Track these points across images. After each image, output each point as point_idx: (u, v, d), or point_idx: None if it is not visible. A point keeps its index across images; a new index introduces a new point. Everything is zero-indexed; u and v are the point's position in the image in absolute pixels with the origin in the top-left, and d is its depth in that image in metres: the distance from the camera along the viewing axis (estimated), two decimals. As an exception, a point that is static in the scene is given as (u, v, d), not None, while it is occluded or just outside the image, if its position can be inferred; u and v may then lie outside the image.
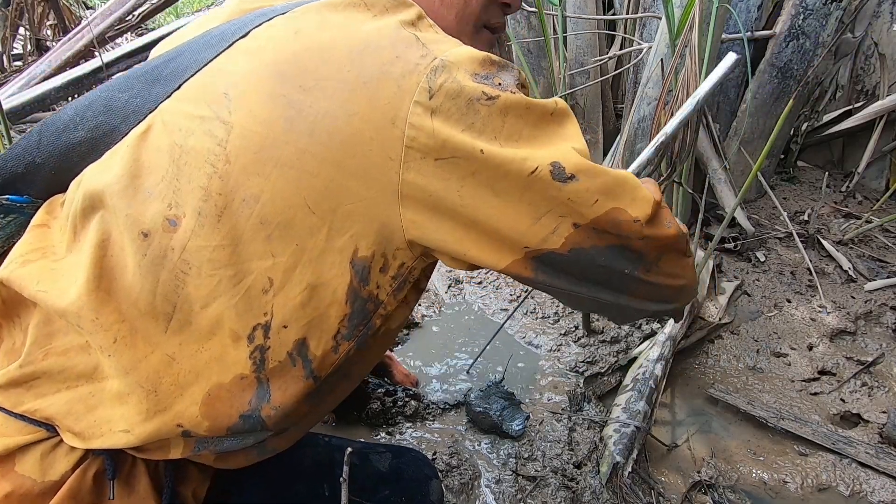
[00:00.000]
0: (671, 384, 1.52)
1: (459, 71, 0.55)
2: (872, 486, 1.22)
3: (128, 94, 0.62)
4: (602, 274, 0.61)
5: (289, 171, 0.55)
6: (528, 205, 0.56)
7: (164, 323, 0.57)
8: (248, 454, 0.68)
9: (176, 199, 0.56)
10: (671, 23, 1.41)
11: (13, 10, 3.65)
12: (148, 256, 0.56)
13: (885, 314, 1.69)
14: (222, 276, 0.56)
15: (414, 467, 1.05)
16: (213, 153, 0.56)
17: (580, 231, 0.57)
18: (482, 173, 0.55)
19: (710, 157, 1.89)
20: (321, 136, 0.54)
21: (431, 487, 1.04)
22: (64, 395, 0.60)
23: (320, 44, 0.57)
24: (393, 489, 0.96)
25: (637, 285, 0.63)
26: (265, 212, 0.55)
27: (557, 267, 0.60)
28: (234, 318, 0.57)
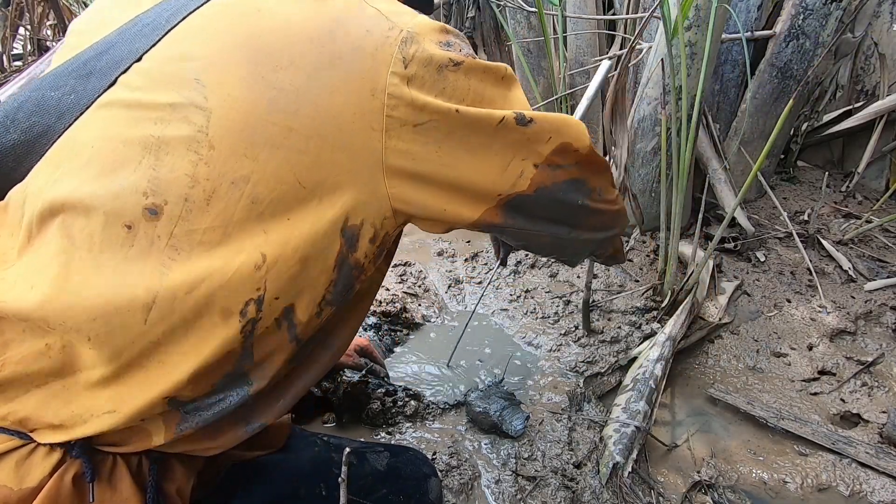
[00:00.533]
0: (671, 384, 1.52)
1: (425, 41, 0.59)
2: (872, 486, 1.22)
3: (60, 91, 0.61)
4: (559, 209, 0.71)
5: (277, 151, 0.56)
6: (497, 154, 0.63)
7: (142, 314, 0.56)
8: (236, 428, 0.67)
9: (153, 188, 0.55)
10: (667, 24, 1.41)
11: (13, 10, 3.65)
12: (135, 248, 0.56)
13: (885, 314, 1.69)
14: (213, 256, 0.56)
15: (412, 466, 1.05)
16: (194, 140, 0.56)
17: (541, 171, 0.66)
18: (457, 132, 0.60)
19: (710, 157, 1.89)
20: (306, 113, 0.56)
21: (430, 485, 1.05)
22: (34, 394, 0.59)
23: (287, 22, 0.58)
24: (391, 488, 0.96)
25: (587, 215, 0.74)
26: (256, 191, 0.56)
27: (524, 208, 0.68)
28: (225, 297, 0.57)
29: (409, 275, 1.93)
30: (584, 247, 0.84)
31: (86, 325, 0.55)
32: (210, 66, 0.57)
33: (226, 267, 0.56)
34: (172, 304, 0.56)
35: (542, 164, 0.66)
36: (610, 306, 1.74)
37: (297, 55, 0.57)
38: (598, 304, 1.74)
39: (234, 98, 0.56)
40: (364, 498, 0.92)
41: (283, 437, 0.91)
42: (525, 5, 2.02)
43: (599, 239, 0.81)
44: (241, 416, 0.67)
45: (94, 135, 0.58)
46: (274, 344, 0.62)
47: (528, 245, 0.85)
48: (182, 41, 0.59)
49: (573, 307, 1.75)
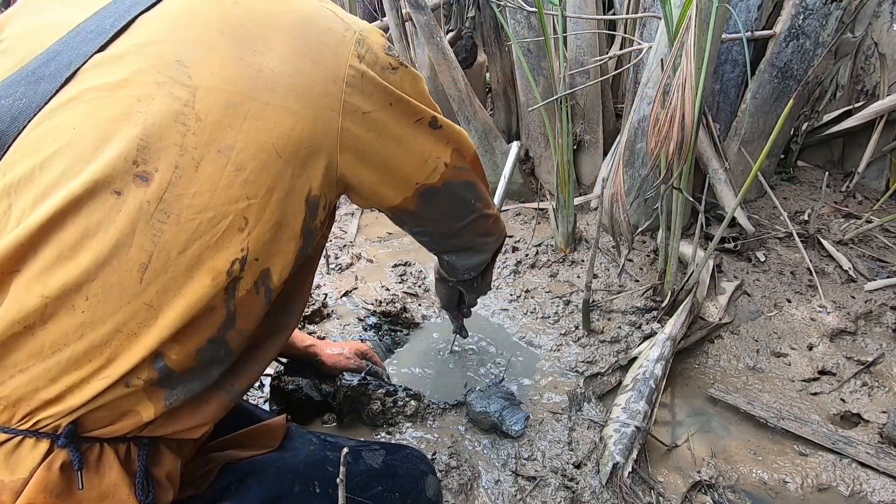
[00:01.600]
0: (671, 384, 1.52)
1: (374, 44, 0.71)
2: (872, 486, 1.22)
3: (10, 98, 0.64)
4: (457, 203, 0.89)
5: (257, 122, 0.64)
6: (417, 149, 0.77)
7: (138, 273, 0.61)
8: (221, 398, 0.73)
9: (143, 157, 0.60)
10: (669, 23, 1.41)
11: (13, 11, 3.64)
12: (122, 212, 0.60)
13: (886, 314, 1.69)
14: (202, 218, 0.62)
15: (408, 463, 1.05)
16: (181, 113, 0.61)
17: (448, 169, 0.82)
18: (390, 126, 0.73)
19: (710, 157, 1.89)
20: (280, 92, 0.65)
21: (427, 483, 1.05)
22: (18, 378, 0.61)
23: (263, 13, 0.67)
24: (386, 485, 0.97)
25: (475, 213, 0.93)
26: (240, 158, 0.63)
27: (433, 199, 0.83)
28: (214, 256, 0.63)
29: (409, 275, 1.93)
30: (472, 242, 1.01)
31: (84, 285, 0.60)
32: (191, 50, 0.63)
33: (214, 228, 0.63)
34: (166, 264, 0.61)
35: (450, 163, 0.82)
36: (610, 306, 1.74)
37: (272, 42, 0.66)
38: (598, 304, 1.74)
39: (218, 76, 0.63)
40: (359, 495, 0.93)
41: (278, 439, 0.92)
42: (525, 5, 2.02)
43: (484, 241, 1.02)
44: (221, 384, 0.73)
45: (74, 120, 0.61)
46: (252, 307, 0.69)
47: (427, 232, 0.97)
48: (151, 33, 0.65)
49: (573, 307, 1.75)
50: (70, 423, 0.62)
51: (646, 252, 1.97)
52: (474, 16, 2.81)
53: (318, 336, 1.61)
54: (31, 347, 0.61)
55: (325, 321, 1.69)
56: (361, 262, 2.03)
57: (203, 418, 0.72)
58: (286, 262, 0.70)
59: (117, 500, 0.66)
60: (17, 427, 0.61)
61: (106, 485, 0.65)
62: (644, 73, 1.82)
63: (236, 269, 0.65)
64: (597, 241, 1.51)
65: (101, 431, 0.65)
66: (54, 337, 0.61)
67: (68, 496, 0.62)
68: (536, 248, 2.07)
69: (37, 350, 0.61)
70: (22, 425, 0.62)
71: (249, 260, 0.65)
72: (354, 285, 1.87)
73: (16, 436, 0.61)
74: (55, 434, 0.62)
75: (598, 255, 1.97)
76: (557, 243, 2.05)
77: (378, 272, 1.97)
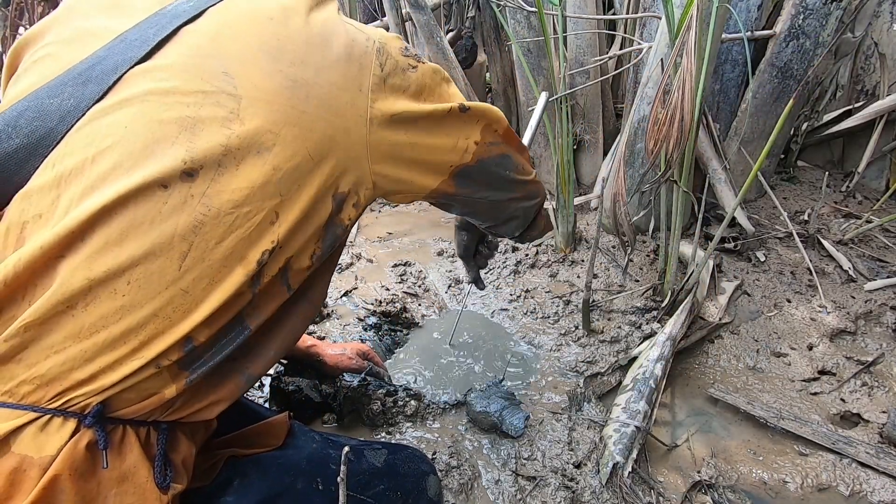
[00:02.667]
0: (671, 384, 1.52)
1: (392, 50, 0.77)
2: (872, 486, 1.22)
3: (59, 98, 0.69)
4: (494, 177, 0.92)
5: (293, 128, 0.69)
6: (448, 136, 0.82)
7: (178, 261, 0.66)
8: (237, 379, 0.77)
9: (191, 157, 0.66)
10: (671, 23, 1.41)
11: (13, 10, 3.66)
12: (168, 204, 0.65)
13: (885, 314, 1.69)
14: (239, 213, 0.68)
15: (410, 463, 1.06)
16: (227, 119, 0.68)
17: (480, 146, 0.85)
18: (419, 121, 0.78)
19: (710, 157, 1.89)
20: (314, 101, 0.71)
21: (428, 483, 1.05)
22: (53, 358, 0.64)
23: (295, 31, 0.73)
24: (388, 484, 0.98)
25: (514, 184, 0.96)
26: (277, 160, 0.69)
27: (469, 177, 0.87)
28: (246, 247, 0.69)
29: (409, 275, 1.93)
30: (515, 211, 1.04)
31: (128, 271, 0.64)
32: (234, 63, 0.69)
33: (249, 222, 0.68)
34: (204, 253, 0.67)
35: (480, 141, 0.85)
36: (610, 306, 1.74)
37: (306, 56, 0.72)
38: (598, 304, 1.74)
39: (259, 87, 0.69)
40: (360, 493, 0.93)
41: (281, 436, 0.94)
42: (525, 5, 2.02)
43: (526, 206, 1.05)
44: (238, 366, 0.77)
45: (126, 119, 0.67)
46: (274, 291, 0.74)
47: (473, 211, 1.01)
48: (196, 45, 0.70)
49: (573, 307, 1.75)
50: (99, 403, 0.65)
51: (646, 252, 1.98)
52: (474, 16, 2.81)
53: (318, 336, 1.61)
54: (71, 328, 0.64)
55: (325, 321, 1.69)
56: (361, 261, 2.03)
57: (218, 396, 0.76)
58: (307, 252, 0.75)
59: (136, 482, 0.69)
60: (47, 406, 0.64)
61: (126, 466, 0.68)
62: (644, 72, 1.82)
63: (265, 259, 0.70)
64: (597, 241, 1.51)
65: (125, 411, 0.68)
66: (94, 319, 0.64)
67: (91, 476, 0.65)
68: (536, 248, 2.07)
69: (75, 331, 0.64)
70: (52, 404, 0.64)
71: (276, 250, 0.71)
72: (354, 285, 1.87)
73: (45, 414, 0.64)
74: (83, 414, 0.65)
75: (598, 255, 1.97)
76: (557, 243, 2.05)
77: (378, 272, 1.97)
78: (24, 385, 0.64)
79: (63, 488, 0.63)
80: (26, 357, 0.64)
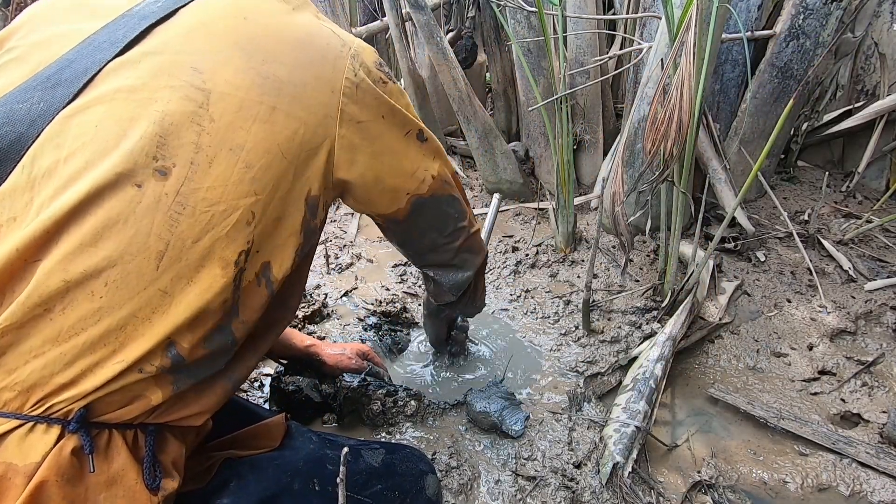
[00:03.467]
0: (671, 384, 1.52)
1: (367, 59, 0.78)
2: (873, 486, 1.22)
3: (28, 103, 0.68)
4: (442, 217, 0.95)
5: (265, 125, 0.69)
6: (408, 159, 0.85)
7: (155, 260, 0.65)
8: (223, 385, 0.78)
9: (162, 153, 0.66)
10: (671, 23, 1.41)
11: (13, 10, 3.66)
12: (143, 203, 0.65)
13: (886, 314, 1.69)
14: (214, 212, 0.67)
15: (408, 463, 1.05)
16: (196, 115, 0.67)
17: (436, 181, 0.89)
18: (383, 134, 0.80)
19: (711, 157, 1.89)
20: (286, 99, 0.71)
21: (427, 482, 1.05)
22: (33, 363, 0.63)
23: (271, 29, 0.74)
24: (386, 484, 0.98)
25: (457, 230, 0.99)
26: (249, 157, 0.69)
27: (422, 209, 0.90)
28: (224, 246, 0.68)
29: (409, 275, 1.93)
30: (452, 256, 1.04)
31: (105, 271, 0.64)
32: (206, 59, 0.69)
33: (225, 221, 0.68)
34: (181, 252, 0.66)
35: (437, 176, 0.89)
36: (610, 306, 1.74)
37: (280, 54, 0.72)
38: (598, 304, 1.74)
39: (230, 83, 0.69)
40: (359, 493, 0.93)
41: (278, 438, 0.93)
42: (525, 5, 2.02)
43: (468, 257, 1.06)
44: (224, 373, 0.78)
45: (96, 119, 0.66)
46: (254, 298, 0.74)
47: (412, 243, 1.01)
48: (166, 43, 0.70)
49: (573, 307, 1.75)
50: (81, 408, 0.65)
51: (646, 252, 1.97)
52: (474, 16, 2.81)
53: (318, 336, 1.61)
54: (49, 332, 0.63)
55: (325, 321, 1.69)
56: (361, 262, 2.03)
57: (205, 405, 0.76)
58: (286, 257, 0.75)
59: (125, 486, 0.68)
60: (30, 413, 0.64)
61: (115, 470, 0.68)
62: (644, 72, 1.82)
63: (242, 260, 0.70)
64: (597, 241, 1.51)
65: (110, 416, 0.67)
66: (72, 321, 0.63)
67: (79, 481, 0.64)
68: (536, 248, 2.07)
69: (54, 335, 0.63)
70: (34, 411, 0.64)
71: (252, 252, 0.71)
72: (354, 285, 1.87)
73: (28, 421, 0.64)
74: (66, 420, 0.64)
75: (598, 255, 1.97)
76: (557, 243, 2.05)
77: (378, 272, 1.97)
78: (5, 392, 0.63)
79: (50, 495, 0.62)
80: (5, 363, 0.63)
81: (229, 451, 0.88)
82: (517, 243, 2.12)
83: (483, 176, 2.48)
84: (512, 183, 2.42)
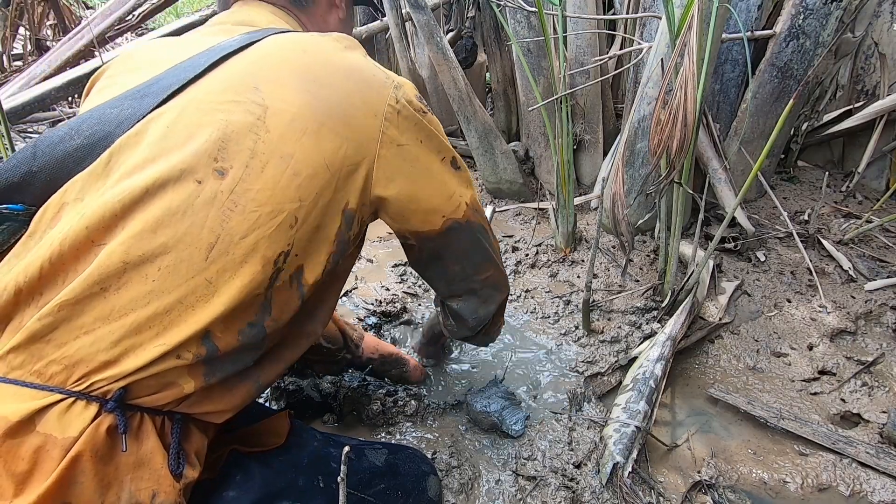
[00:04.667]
0: (671, 384, 1.52)
1: (408, 91, 0.87)
2: (873, 486, 1.22)
3: (118, 108, 0.79)
4: (473, 245, 0.98)
5: (313, 138, 0.77)
6: (444, 183, 0.90)
7: (206, 251, 0.72)
8: (248, 386, 0.82)
9: (223, 156, 0.74)
10: (671, 23, 1.41)
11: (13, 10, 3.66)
12: (201, 198, 0.72)
13: (886, 314, 1.69)
14: (262, 212, 0.74)
15: (410, 463, 1.07)
16: (254, 125, 0.75)
17: (469, 208, 0.94)
18: (421, 158, 0.87)
19: (711, 156, 1.89)
20: (334, 118, 0.79)
21: (429, 483, 1.05)
22: (82, 339, 0.68)
23: (325, 61, 0.83)
24: (389, 483, 0.99)
25: (486, 261, 1.02)
26: (297, 166, 0.76)
27: (456, 233, 0.94)
28: (267, 245, 0.75)
29: (409, 274, 1.93)
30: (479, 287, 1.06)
31: (160, 256, 0.70)
32: (267, 81, 0.79)
33: (271, 222, 0.75)
34: (229, 247, 0.73)
35: (470, 204, 0.94)
36: (610, 306, 1.74)
37: (331, 81, 0.81)
38: (598, 304, 1.74)
39: (285, 100, 0.77)
40: (361, 492, 0.94)
41: (283, 434, 0.95)
42: (525, 5, 2.02)
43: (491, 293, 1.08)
44: (251, 374, 0.82)
45: (169, 121, 0.76)
46: (286, 299, 0.79)
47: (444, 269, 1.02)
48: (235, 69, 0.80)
49: (573, 307, 1.75)
50: (120, 388, 0.69)
51: (646, 252, 1.98)
52: (474, 16, 2.81)
53: (318, 336, 1.61)
54: (101, 310, 0.69)
55: (325, 321, 1.69)
56: (361, 261, 2.03)
57: (229, 403, 0.81)
58: (318, 263, 0.81)
59: (152, 468, 0.72)
60: (72, 388, 0.68)
61: (143, 452, 0.72)
62: (644, 73, 1.82)
63: (281, 261, 0.76)
64: (597, 241, 1.51)
65: (144, 400, 0.72)
66: (124, 301, 0.69)
67: (110, 459, 0.69)
68: (536, 248, 2.07)
69: (105, 313, 0.69)
70: (77, 386, 0.68)
71: (291, 254, 0.77)
72: (354, 285, 1.87)
73: (70, 397, 0.68)
74: (105, 398, 0.69)
75: (598, 255, 1.97)
76: (557, 243, 2.05)
77: (378, 272, 1.97)
78: (53, 365, 0.68)
79: (83, 469, 0.66)
80: (56, 337, 0.68)
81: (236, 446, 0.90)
82: (517, 243, 2.12)
83: (483, 176, 2.48)
84: (512, 183, 2.42)
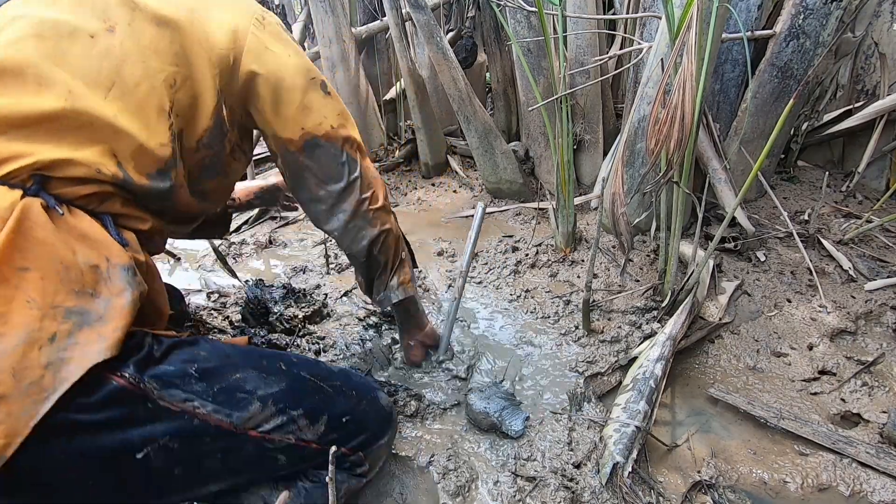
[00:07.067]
0: (671, 384, 1.52)
1: (274, 16, 1.04)
2: (873, 486, 1.22)
3: None
4: (338, 167, 1.10)
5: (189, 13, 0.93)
6: (309, 97, 1.04)
7: (104, 91, 0.85)
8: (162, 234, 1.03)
9: (107, 16, 0.89)
10: (671, 22, 1.41)
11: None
12: (96, 49, 0.87)
13: (886, 314, 1.69)
14: (147, 66, 0.89)
15: (362, 379, 1.13)
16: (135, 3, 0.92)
17: (334, 131, 1.07)
18: (288, 67, 1.02)
19: (711, 156, 1.89)
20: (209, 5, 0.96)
21: (380, 395, 1.12)
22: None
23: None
24: (344, 382, 1.07)
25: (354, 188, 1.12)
26: (174, 35, 0.91)
27: (316, 150, 1.07)
28: (157, 96, 0.89)
29: (409, 275, 1.93)
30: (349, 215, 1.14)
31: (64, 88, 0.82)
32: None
33: (156, 76, 0.89)
34: (124, 90, 0.87)
35: (335, 126, 1.06)
36: (610, 306, 1.74)
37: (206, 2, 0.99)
38: (598, 303, 1.74)
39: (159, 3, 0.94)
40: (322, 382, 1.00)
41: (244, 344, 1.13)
42: (525, 5, 2.02)
43: (359, 221, 1.15)
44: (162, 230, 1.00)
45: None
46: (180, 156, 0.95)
47: (301, 184, 1.12)
48: None
49: (573, 307, 1.75)
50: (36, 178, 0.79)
51: (646, 252, 1.97)
52: (474, 16, 2.81)
53: (318, 336, 1.61)
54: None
55: (325, 321, 1.69)
56: (361, 261, 2.02)
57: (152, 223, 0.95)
58: (194, 134, 0.96)
59: (96, 238, 0.82)
60: None
61: (83, 226, 0.82)
62: (644, 72, 1.82)
63: (172, 115, 0.91)
64: (597, 240, 1.51)
65: (64, 191, 0.82)
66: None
67: (52, 226, 0.78)
68: (536, 248, 2.07)
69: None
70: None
71: (172, 114, 0.91)
72: (354, 285, 1.87)
73: None
74: (24, 185, 0.79)
75: (598, 255, 1.97)
76: (557, 243, 2.05)
77: (378, 272, 1.97)
78: None
79: (27, 232, 0.75)
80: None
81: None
82: (517, 243, 2.12)
83: (483, 176, 2.48)
84: (512, 183, 2.42)
